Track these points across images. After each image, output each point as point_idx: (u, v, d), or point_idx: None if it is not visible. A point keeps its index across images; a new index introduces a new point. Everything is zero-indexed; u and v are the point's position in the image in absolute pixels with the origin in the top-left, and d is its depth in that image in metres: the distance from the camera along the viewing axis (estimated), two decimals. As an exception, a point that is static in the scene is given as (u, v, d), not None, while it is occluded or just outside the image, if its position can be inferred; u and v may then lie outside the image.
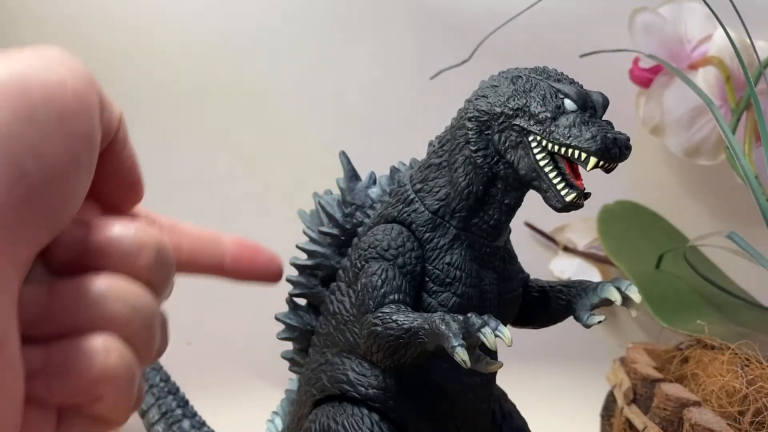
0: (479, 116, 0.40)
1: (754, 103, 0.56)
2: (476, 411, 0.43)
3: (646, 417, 0.49)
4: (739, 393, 0.47)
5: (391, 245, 0.41)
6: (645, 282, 0.65)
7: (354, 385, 0.43)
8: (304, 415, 0.47)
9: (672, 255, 0.69)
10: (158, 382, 0.62)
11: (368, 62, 0.81)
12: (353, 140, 0.76)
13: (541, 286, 0.46)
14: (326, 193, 0.49)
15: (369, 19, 0.82)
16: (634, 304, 0.42)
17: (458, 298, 0.41)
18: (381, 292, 0.40)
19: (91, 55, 0.79)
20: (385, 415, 0.43)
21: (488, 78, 0.41)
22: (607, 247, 0.71)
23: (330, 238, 0.47)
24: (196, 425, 0.60)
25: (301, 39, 0.81)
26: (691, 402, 0.47)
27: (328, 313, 0.46)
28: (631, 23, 0.73)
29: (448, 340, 0.35)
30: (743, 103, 0.68)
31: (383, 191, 0.47)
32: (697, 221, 0.81)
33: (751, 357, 0.50)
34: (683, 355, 0.55)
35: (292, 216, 0.50)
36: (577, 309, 0.43)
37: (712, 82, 0.70)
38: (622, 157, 0.37)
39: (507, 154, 0.39)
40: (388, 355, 0.39)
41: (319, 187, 0.49)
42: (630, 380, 0.53)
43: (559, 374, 0.78)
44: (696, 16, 0.73)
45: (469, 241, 0.42)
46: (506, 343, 0.35)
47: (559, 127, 0.37)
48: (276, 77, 0.81)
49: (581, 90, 0.38)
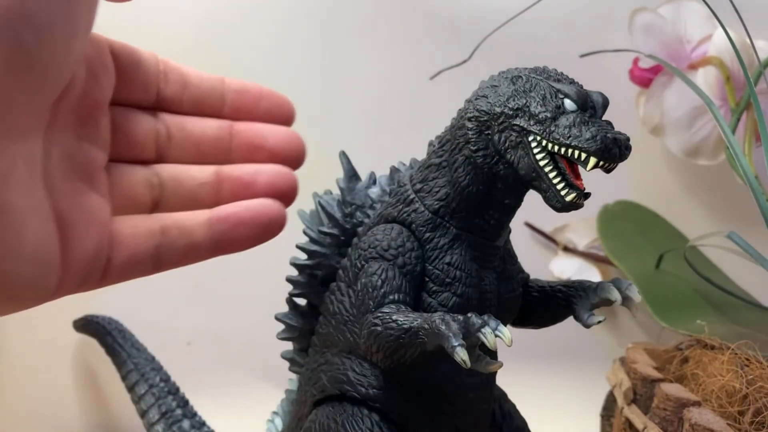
0: (479, 116, 0.40)
1: (754, 103, 0.56)
2: (476, 411, 0.44)
3: (646, 417, 0.49)
4: (739, 393, 0.47)
5: (391, 245, 0.41)
6: (645, 282, 0.65)
7: (354, 385, 0.43)
8: (304, 415, 0.47)
9: (672, 255, 0.69)
10: (158, 382, 0.62)
11: (368, 62, 0.81)
12: (353, 140, 0.76)
13: (541, 286, 0.46)
14: (326, 193, 0.49)
15: (368, 19, 0.82)
16: (634, 304, 0.42)
17: (458, 298, 0.41)
18: (381, 292, 0.40)
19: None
20: (385, 415, 0.43)
21: (488, 78, 0.41)
22: (607, 247, 0.71)
23: (330, 238, 0.47)
24: (196, 425, 0.60)
25: (300, 39, 0.81)
26: (691, 402, 0.47)
27: (328, 313, 0.46)
28: (631, 23, 0.73)
29: (448, 340, 0.35)
30: (743, 103, 0.68)
31: (383, 191, 0.47)
32: (697, 221, 0.81)
33: (751, 357, 0.50)
34: (683, 355, 0.55)
35: (292, 216, 0.50)
36: (577, 309, 0.43)
37: (712, 82, 0.70)
38: (622, 157, 0.37)
39: (507, 154, 0.39)
40: (388, 355, 0.39)
41: (319, 187, 0.49)
42: (630, 380, 0.53)
43: (559, 374, 0.78)
44: (696, 16, 0.73)
45: (469, 241, 0.42)
46: (506, 343, 0.35)
47: (559, 127, 0.37)
48: (275, 77, 0.81)
49: (581, 90, 0.38)
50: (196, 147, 0.39)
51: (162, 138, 0.38)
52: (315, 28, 0.81)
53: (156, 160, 0.38)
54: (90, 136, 0.33)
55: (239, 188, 0.39)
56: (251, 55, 0.81)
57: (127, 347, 0.64)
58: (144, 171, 0.37)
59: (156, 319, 0.72)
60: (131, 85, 0.36)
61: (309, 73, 0.82)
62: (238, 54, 0.80)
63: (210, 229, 0.37)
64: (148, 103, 0.37)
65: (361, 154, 0.52)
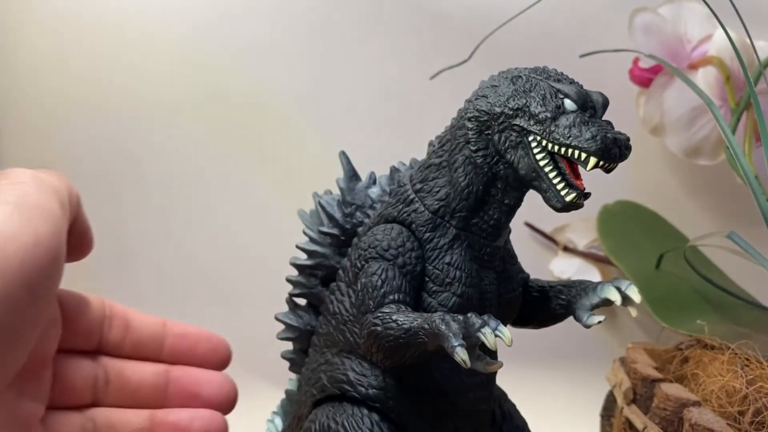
0: (479, 116, 0.40)
1: (754, 103, 0.56)
2: (476, 411, 0.43)
3: (646, 417, 0.49)
4: (739, 393, 0.47)
5: (391, 245, 0.41)
6: (645, 282, 0.65)
7: (354, 385, 0.43)
8: (304, 415, 0.47)
9: (672, 255, 0.69)
10: (158, 382, 0.62)
11: (367, 62, 0.81)
12: (353, 140, 0.76)
13: (541, 286, 0.46)
14: (326, 193, 0.49)
15: (368, 19, 0.82)
16: (634, 304, 0.42)
17: (458, 298, 0.41)
18: (381, 292, 0.40)
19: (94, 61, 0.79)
20: (385, 415, 0.43)
21: (488, 78, 0.41)
22: (607, 247, 0.71)
23: (330, 238, 0.47)
24: (196, 425, 0.60)
25: (299, 39, 0.81)
26: (691, 402, 0.47)
27: (328, 313, 0.46)
28: (631, 23, 0.73)
29: (448, 340, 0.35)
30: (743, 103, 0.68)
31: (383, 191, 0.47)
32: (697, 221, 0.81)
33: (751, 357, 0.50)
34: (683, 355, 0.55)
35: (292, 216, 0.50)
36: (577, 309, 0.43)
37: (712, 82, 0.70)
38: (622, 157, 0.37)
39: (507, 154, 0.39)
40: (388, 355, 0.39)
41: (319, 187, 0.49)
42: (630, 380, 0.53)
43: (559, 374, 0.78)
44: (696, 16, 0.73)
45: (469, 241, 0.42)
46: (506, 343, 0.35)
47: (559, 127, 0.37)
48: (275, 78, 0.81)
49: (581, 90, 0.38)
50: (133, 392, 0.39)
51: (100, 383, 0.38)
52: (315, 28, 0.82)
53: (92, 404, 0.38)
54: (31, 391, 0.33)
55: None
56: (251, 55, 0.81)
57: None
58: (79, 417, 0.37)
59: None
60: (76, 334, 0.37)
61: (309, 73, 0.82)
62: (238, 54, 0.80)
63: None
64: (90, 348, 0.38)
65: (361, 154, 0.52)
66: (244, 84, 0.81)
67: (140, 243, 0.78)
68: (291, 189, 0.72)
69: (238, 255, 0.79)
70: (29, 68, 0.80)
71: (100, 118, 0.80)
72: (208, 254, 0.78)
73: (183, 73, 0.80)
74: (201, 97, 0.82)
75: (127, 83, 0.79)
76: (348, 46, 0.82)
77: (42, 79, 0.80)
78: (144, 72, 0.80)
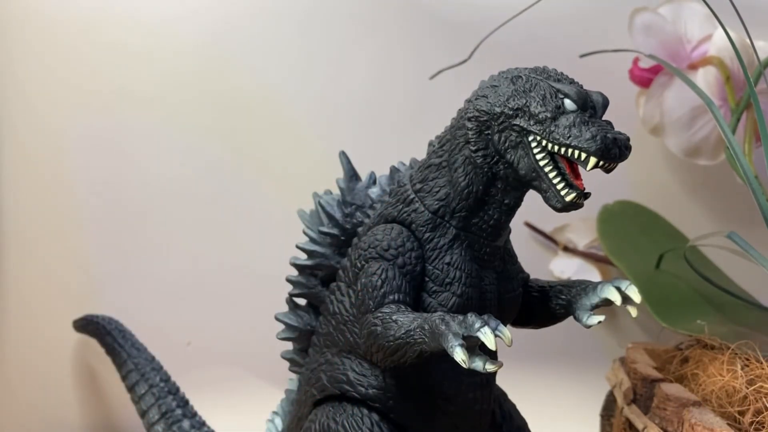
0: (479, 116, 0.40)
1: (754, 103, 0.56)
2: (476, 411, 0.44)
3: (646, 417, 0.49)
4: (739, 393, 0.47)
5: (391, 245, 0.41)
6: (645, 282, 0.65)
7: (354, 385, 0.43)
8: (304, 415, 0.47)
9: (672, 255, 0.69)
10: (158, 382, 0.62)
11: (367, 62, 0.81)
12: (353, 140, 0.76)
13: (541, 286, 0.46)
14: (326, 193, 0.49)
15: (368, 19, 0.82)
16: (634, 304, 0.42)
17: (458, 298, 0.41)
18: (381, 292, 0.40)
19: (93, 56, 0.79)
20: (385, 415, 0.43)
21: (488, 78, 0.41)
22: (607, 247, 0.71)
23: (330, 238, 0.47)
24: (196, 425, 0.60)
25: (299, 39, 0.81)
26: (691, 402, 0.47)
27: (328, 313, 0.46)
28: (631, 23, 0.73)
29: (447, 340, 0.35)
30: (743, 103, 0.68)
31: (383, 191, 0.47)
32: (697, 221, 0.81)
33: (751, 357, 0.50)
34: (683, 355, 0.55)
35: (292, 216, 0.50)
36: (577, 309, 0.43)
37: (712, 82, 0.70)
38: (622, 157, 0.37)
39: (507, 154, 0.39)
40: (388, 355, 0.39)
41: (319, 187, 0.49)
42: (630, 380, 0.53)
43: (559, 374, 0.78)
44: (696, 16, 0.73)
45: (469, 241, 0.42)
46: (506, 343, 0.35)
47: (559, 127, 0.37)
48: (274, 77, 0.81)
49: (581, 90, 0.38)
50: None
51: None
52: (315, 28, 0.82)
53: None
54: None
55: None
56: (251, 55, 0.81)
57: (127, 347, 0.64)
58: None
59: (156, 319, 0.72)
60: None
61: (309, 73, 0.82)
62: (238, 54, 0.80)
63: None
64: None
65: (361, 154, 0.52)
66: (244, 84, 0.81)
67: (140, 243, 0.78)
68: (291, 189, 0.72)
69: (238, 255, 0.79)
70: (29, 68, 0.80)
71: (100, 118, 0.80)
72: (208, 254, 0.78)
73: (183, 73, 0.80)
74: (201, 97, 0.82)
75: (127, 84, 0.79)
76: (348, 46, 0.82)
77: (42, 79, 0.80)
78: (144, 73, 0.80)
